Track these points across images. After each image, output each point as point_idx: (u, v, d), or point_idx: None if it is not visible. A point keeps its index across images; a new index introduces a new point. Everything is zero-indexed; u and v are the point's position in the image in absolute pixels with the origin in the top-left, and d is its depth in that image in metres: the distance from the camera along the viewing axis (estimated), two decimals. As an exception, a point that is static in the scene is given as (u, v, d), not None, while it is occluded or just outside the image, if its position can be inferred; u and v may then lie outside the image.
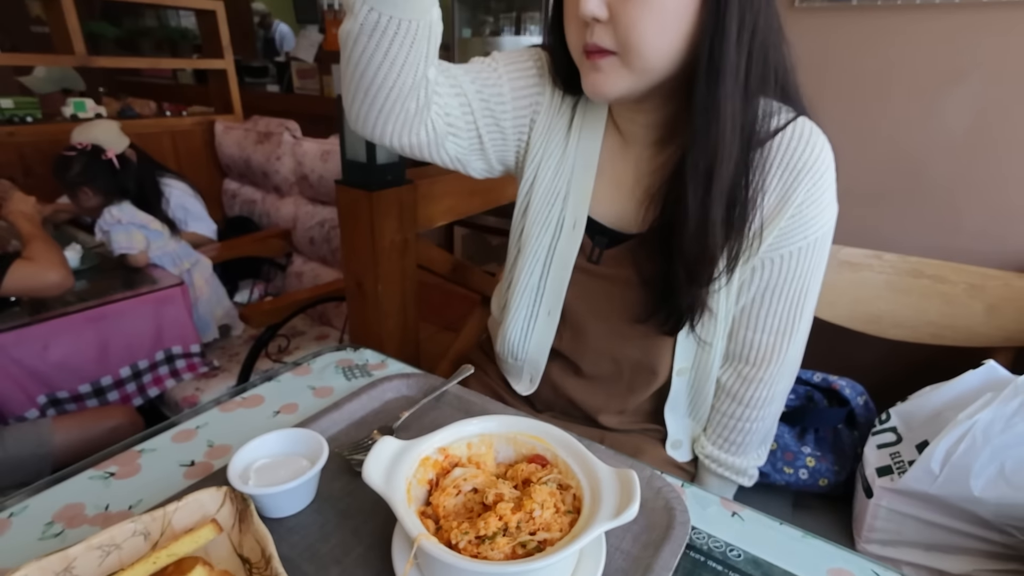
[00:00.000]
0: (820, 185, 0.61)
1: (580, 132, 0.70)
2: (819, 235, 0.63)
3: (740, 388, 0.71)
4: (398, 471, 0.44)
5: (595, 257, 0.71)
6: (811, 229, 0.62)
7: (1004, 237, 1.07)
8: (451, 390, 0.68)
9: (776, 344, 0.68)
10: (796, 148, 0.60)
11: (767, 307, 0.67)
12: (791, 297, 0.66)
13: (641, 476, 0.53)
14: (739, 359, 0.71)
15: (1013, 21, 0.97)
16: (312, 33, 3.73)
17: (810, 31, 1.14)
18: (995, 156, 1.04)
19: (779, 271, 0.65)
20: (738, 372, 0.71)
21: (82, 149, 1.56)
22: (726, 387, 0.72)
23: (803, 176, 0.60)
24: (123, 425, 1.30)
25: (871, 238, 1.11)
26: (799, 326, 0.68)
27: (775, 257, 0.64)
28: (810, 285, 0.66)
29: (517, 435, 0.51)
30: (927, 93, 1.07)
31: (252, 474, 0.50)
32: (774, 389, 0.70)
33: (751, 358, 0.70)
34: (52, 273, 1.23)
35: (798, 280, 0.65)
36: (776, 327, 0.67)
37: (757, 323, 0.68)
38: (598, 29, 0.55)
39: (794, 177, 0.60)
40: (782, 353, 0.68)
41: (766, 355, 0.68)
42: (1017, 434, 0.68)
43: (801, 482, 0.89)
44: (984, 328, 0.96)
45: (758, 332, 0.68)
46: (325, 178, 1.88)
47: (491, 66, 0.69)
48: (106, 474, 0.55)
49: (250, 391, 0.70)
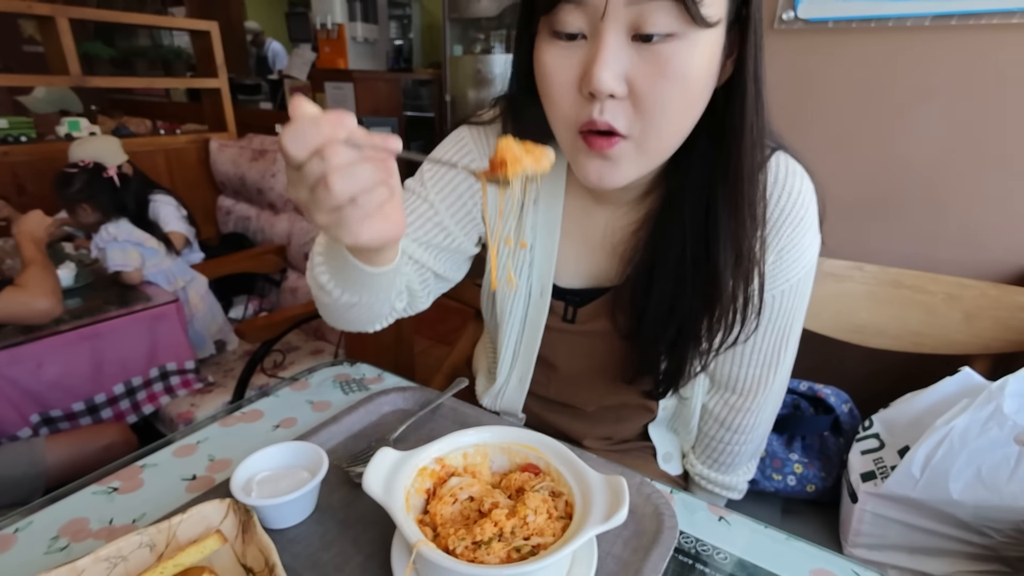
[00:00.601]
0: (800, 229, 0.59)
1: (538, 199, 0.65)
2: (802, 275, 0.62)
3: (727, 415, 0.71)
4: (397, 481, 0.46)
5: (569, 316, 0.69)
6: (793, 271, 0.61)
7: (980, 247, 1.11)
8: (446, 403, 0.70)
9: (762, 376, 0.67)
10: (774, 192, 0.57)
11: (752, 345, 0.66)
12: (776, 333, 0.65)
13: (631, 483, 0.55)
14: (726, 388, 0.71)
15: (979, 43, 1.01)
16: (305, 52, 3.78)
17: (789, 51, 1.18)
18: (967, 171, 1.08)
19: (761, 316, 0.63)
20: (725, 400, 0.71)
21: (84, 166, 1.58)
22: (713, 413, 0.72)
23: (782, 224, 0.58)
24: (117, 443, 1.29)
25: (853, 249, 1.14)
26: (784, 359, 0.67)
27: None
28: (795, 320, 0.65)
29: (511, 445, 0.53)
30: (902, 110, 1.11)
31: (254, 486, 0.51)
32: (761, 416, 0.71)
33: (738, 388, 0.69)
34: (41, 301, 1.23)
35: (782, 318, 0.64)
36: (762, 361, 0.67)
37: (742, 359, 0.67)
38: (610, 105, 0.48)
39: (772, 223, 0.58)
40: (768, 384, 0.68)
41: (752, 387, 0.68)
42: (992, 438, 0.70)
43: (789, 488, 0.91)
44: (962, 336, 0.99)
45: (744, 367, 0.68)
46: None
47: (421, 196, 0.64)
48: (109, 489, 0.56)
49: (249, 406, 0.71)
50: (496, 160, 0.42)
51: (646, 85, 0.46)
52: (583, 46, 0.47)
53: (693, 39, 0.45)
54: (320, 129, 0.35)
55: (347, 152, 0.36)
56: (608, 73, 0.45)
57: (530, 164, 0.42)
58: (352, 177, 0.36)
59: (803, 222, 0.58)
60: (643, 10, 0.44)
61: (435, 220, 0.64)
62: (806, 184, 0.59)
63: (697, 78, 0.47)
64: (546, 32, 0.49)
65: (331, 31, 3.67)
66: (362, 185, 0.37)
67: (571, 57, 0.48)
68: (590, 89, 0.46)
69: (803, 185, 0.59)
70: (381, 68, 4.04)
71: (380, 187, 0.39)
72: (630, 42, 0.46)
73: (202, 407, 1.50)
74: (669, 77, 0.46)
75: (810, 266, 0.62)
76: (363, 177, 0.37)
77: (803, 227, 0.59)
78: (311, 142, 0.35)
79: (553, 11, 0.47)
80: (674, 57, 0.45)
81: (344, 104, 3.60)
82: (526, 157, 0.42)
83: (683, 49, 0.45)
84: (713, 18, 0.45)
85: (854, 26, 1.11)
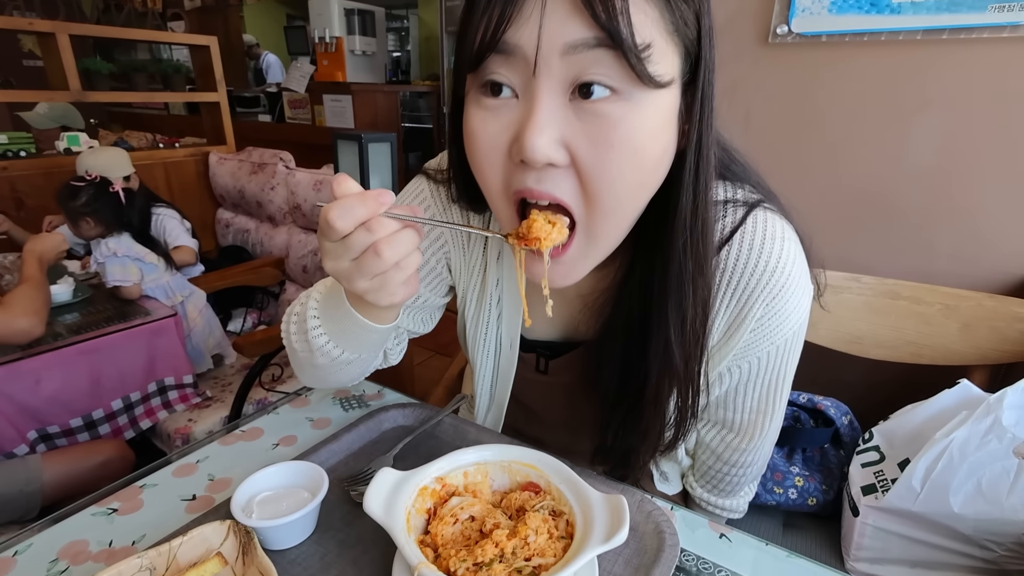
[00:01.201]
0: (782, 297, 0.53)
1: (502, 253, 0.63)
2: (789, 335, 0.57)
3: (724, 451, 0.70)
4: (397, 501, 0.46)
5: (542, 367, 0.68)
6: (778, 335, 0.56)
7: (975, 259, 1.12)
8: (446, 419, 0.70)
9: (756, 420, 0.65)
10: (748, 264, 0.52)
11: (741, 396, 0.64)
12: (765, 386, 0.62)
13: (631, 500, 0.55)
14: (721, 426, 0.69)
15: (971, 56, 1.03)
16: (304, 64, 3.80)
17: (783, 65, 1.20)
18: (962, 182, 1.09)
19: (748, 372, 0.61)
20: (721, 437, 0.69)
21: (91, 180, 1.58)
22: (711, 447, 0.71)
23: (758, 295, 0.53)
24: (113, 459, 1.29)
25: (849, 260, 1.15)
26: (777, 406, 0.65)
27: (742, 364, 0.60)
28: (787, 372, 0.62)
29: (512, 463, 0.53)
30: (896, 122, 1.12)
31: (255, 507, 0.51)
32: (759, 453, 0.69)
33: (733, 428, 0.68)
34: (21, 320, 1.21)
35: (771, 372, 0.61)
36: (753, 408, 0.65)
37: (733, 407, 0.65)
38: (550, 174, 0.42)
39: (747, 297, 0.54)
40: (764, 428, 0.66)
41: (747, 429, 0.67)
42: (991, 451, 0.70)
43: (791, 502, 0.91)
44: (960, 347, 1.00)
45: (736, 413, 0.66)
46: (318, 207, 1.91)
47: None
48: (108, 510, 0.56)
49: (249, 424, 0.71)
50: (528, 236, 0.44)
51: (590, 154, 0.40)
52: (514, 106, 0.41)
53: (640, 101, 0.40)
54: (366, 204, 0.40)
55: (391, 222, 0.41)
56: (543, 138, 0.39)
57: (557, 236, 0.44)
58: (398, 244, 0.42)
59: (784, 290, 0.53)
60: (582, 61, 0.38)
61: None
62: (786, 248, 0.53)
63: (648, 148, 0.41)
64: (474, 91, 0.43)
65: (329, 44, 3.69)
66: (405, 251, 0.42)
67: (500, 119, 0.42)
68: (522, 157, 0.40)
69: (782, 250, 0.52)
70: (379, 80, 4.07)
71: (415, 252, 0.44)
72: (568, 102, 0.40)
73: (200, 422, 1.50)
74: (616, 146, 0.40)
75: (798, 326, 0.57)
76: (406, 243, 0.42)
77: (785, 294, 0.53)
78: (358, 216, 0.40)
79: (480, 67, 0.41)
80: (620, 122, 0.39)
81: (342, 116, 3.62)
82: (552, 231, 0.44)
83: (630, 112, 0.40)
84: (664, 77, 0.39)
85: (847, 40, 1.12)
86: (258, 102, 4.33)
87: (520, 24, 0.38)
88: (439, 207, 0.63)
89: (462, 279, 0.67)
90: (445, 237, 0.65)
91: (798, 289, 0.54)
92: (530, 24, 0.38)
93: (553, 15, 0.38)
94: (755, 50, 1.21)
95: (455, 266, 0.67)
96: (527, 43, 0.38)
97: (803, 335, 0.60)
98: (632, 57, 0.37)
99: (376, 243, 0.41)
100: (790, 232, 0.55)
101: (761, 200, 0.55)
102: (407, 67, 5.80)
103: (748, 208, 0.54)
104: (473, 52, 0.41)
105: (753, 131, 1.26)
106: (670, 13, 0.39)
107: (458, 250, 0.65)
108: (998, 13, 0.98)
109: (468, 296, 0.67)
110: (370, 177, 1.02)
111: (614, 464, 0.66)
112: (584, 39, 0.37)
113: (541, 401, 0.74)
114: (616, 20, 0.37)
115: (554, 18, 0.38)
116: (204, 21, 5.03)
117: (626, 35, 0.37)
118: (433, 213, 0.63)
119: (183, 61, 4.05)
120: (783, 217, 0.55)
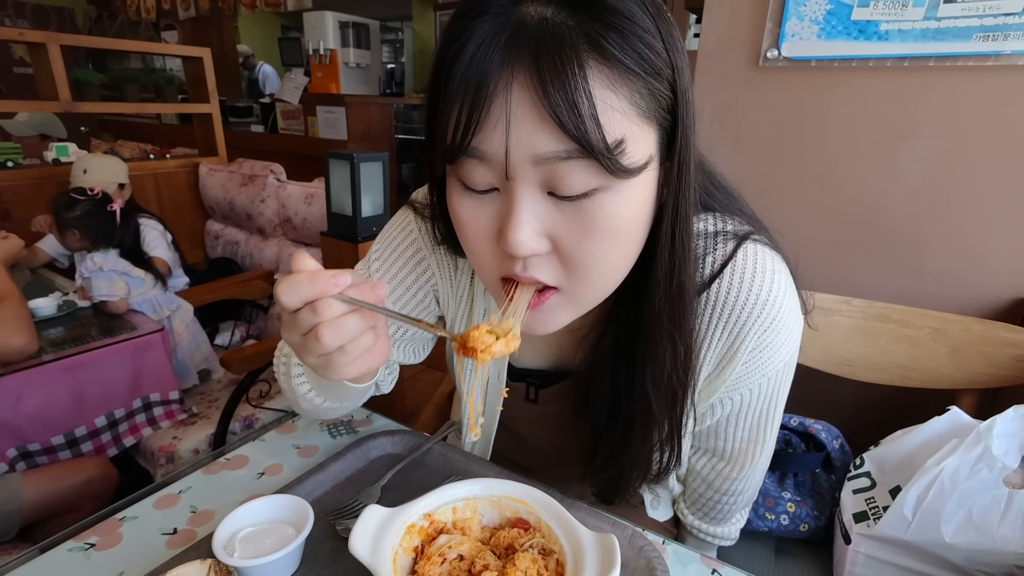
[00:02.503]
0: (772, 330, 0.53)
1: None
2: (780, 367, 0.57)
3: (715, 479, 0.69)
4: (384, 541, 0.45)
5: (532, 396, 0.68)
6: (769, 367, 0.56)
7: (963, 282, 1.12)
8: (435, 447, 0.69)
9: (747, 450, 0.65)
10: (739, 298, 0.52)
11: (732, 427, 0.64)
12: (756, 416, 0.62)
13: (623, 535, 0.54)
14: (712, 454, 0.69)
15: (957, 84, 1.04)
16: (297, 76, 3.80)
17: (773, 88, 1.21)
18: (949, 207, 1.10)
19: (740, 403, 0.61)
20: (712, 465, 0.69)
21: (92, 195, 1.57)
22: (701, 474, 0.70)
23: (750, 327, 0.53)
24: (96, 478, 1.26)
25: (840, 283, 1.16)
26: (768, 436, 0.65)
27: (733, 396, 0.60)
28: (778, 402, 0.62)
29: (501, 498, 0.52)
30: (884, 147, 1.14)
31: (237, 544, 0.50)
32: (749, 482, 0.68)
33: (724, 457, 0.67)
34: (16, 339, 1.20)
35: (762, 403, 0.61)
36: (744, 437, 0.65)
37: (724, 436, 0.65)
38: (534, 262, 0.42)
39: (739, 330, 0.54)
40: (755, 457, 0.66)
41: (738, 458, 0.66)
42: (982, 480, 0.70)
43: (783, 528, 0.91)
44: (949, 370, 1.00)
45: (727, 442, 0.66)
46: (309, 220, 1.90)
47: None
48: (86, 545, 0.54)
49: (233, 452, 0.69)
50: (468, 348, 0.42)
51: (572, 243, 0.41)
52: (496, 199, 0.42)
53: (619, 189, 0.40)
54: (315, 285, 0.39)
55: (337, 306, 0.39)
56: (524, 233, 0.39)
57: (500, 348, 0.42)
58: (341, 329, 0.40)
59: (776, 322, 0.53)
60: (554, 169, 0.38)
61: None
62: (777, 280, 0.53)
63: (630, 225, 0.42)
64: (455, 179, 0.43)
65: (324, 56, 3.70)
66: (350, 336, 0.40)
67: (485, 209, 0.42)
68: (507, 251, 0.41)
69: (773, 283, 0.53)
70: (373, 92, 4.08)
71: (366, 334, 0.42)
72: (546, 196, 0.40)
73: (185, 440, 1.47)
74: (597, 233, 0.40)
75: (789, 357, 0.57)
76: (351, 328, 0.40)
77: (776, 327, 0.53)
78: (305, 295, 0.39)
79: (457, 163, 0.41)
80: (601, 213, 0.39)
81: (336, 127, 3.62)
82: (496, 343, 0.42)
83: (610, 202, 0.40)
84: (639, 163, 0.39)
85: (836, 65, 1.13)
86: (251, 112, 4.32)
87: (488, 130, 0.38)
88: (427, 246, 0.63)
89: (450, 309, 0.66)
90: (432, 270, 0.64)
91: (789, 321, 0.54)
92: (497, 132, 0.37)
93: (520, 125, 0.37)
94: (746, 73, 1.22)
95: (443, 297, 0.66)
96: (497, 151, 0.38)
97: (794, 366, 0.60)
98: (605, 160, 0.37)
99: (318, 326, 0.39)
100: (780, 264, 0.55)
101: (751, 232, 0.55)
102: (401, 79, 5.82)
103: (738, 241, 0.54)
104: (445, 151, 0.40)
105: (743, 153, 1.27)
106: (640, 97, 0.38)
107: (445, 281, 0.65)
108: (982, 42, 1.00)
109: (456, 326, 0.67)
110: (362, 196, 1.01)
111: (605, 487, 0.66)
112: (555, 152, 0.37)
113: (531, 429, 0.73)
114: (585, 128, 0.36)
115: (522, 129, 0.37)
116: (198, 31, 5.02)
117: (597, 141, 0.36)
118: (419, 248, 0.63)
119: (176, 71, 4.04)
120: (773, 249, 0.56)
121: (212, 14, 4.69)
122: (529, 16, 0.37)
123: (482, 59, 0.37)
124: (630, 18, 0.37)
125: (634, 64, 0.37)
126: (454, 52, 0.38)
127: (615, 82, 0.37)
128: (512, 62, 0.36)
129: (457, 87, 0.38)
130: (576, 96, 0.35)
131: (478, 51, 0.37)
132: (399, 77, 5.82)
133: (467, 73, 0.37)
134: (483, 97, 0.37)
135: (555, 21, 0.36)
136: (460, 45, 0.37)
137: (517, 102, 0.36)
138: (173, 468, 1.44)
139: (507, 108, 0.37)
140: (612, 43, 0.36)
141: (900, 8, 1.04)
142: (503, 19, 0.37)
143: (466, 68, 0.37)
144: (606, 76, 0.37)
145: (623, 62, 0.37)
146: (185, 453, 1.46)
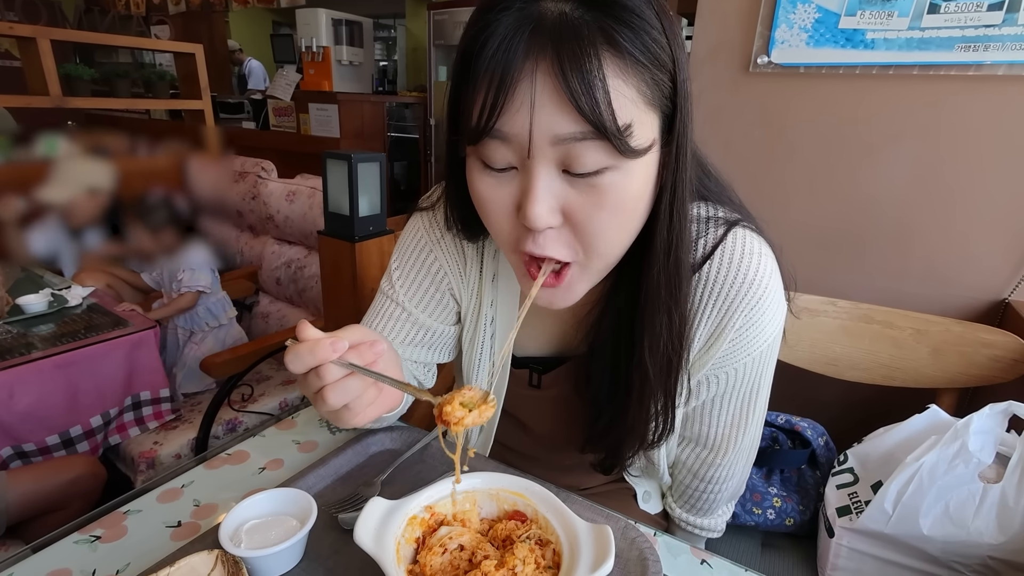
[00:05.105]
0: (759, 309, 0.57)
1: (496, 274, 0.67)
2: (764, 347, 0.61)
3: (699, 468, 0.72)
4: (387, 532, 0.47)
5: (535, 382, 0.70)
6: (754, 346, 0.60)
7: (944, 284, 1.16)
8: (434, 442, 0.70)
9: (730, 435, 0.68)
10: (728, 277, 0.56)
11: (717, 409, 0.67)
12: (740, 398, 0.66)
13: (616, 527, 0.56)
14: (696, 443, 0.71)
15: (938, 91, 1.08)
16: (290, 73, 3.79)
17: (763, 93, 1.24)
18: (930, 211, 1.14)
19: (725, 383, 0.64)
20: (696, 454, 0.71)
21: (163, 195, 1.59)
22: (687, 465, 0.73)
23: (737, 305, 0.57)
24: (84, 476, 1.25)
25: (826, 284, 1.19)
26: (752, 419, 0.67)
27: (720, 374, 0.63)
28: (761, 385, 0.65)
29: (499, 491, 0.54)
30: (869, 152, 1.17)
31: (243, 536, 0.51)
32: (733, 469, 0.71)
33: (707, 444, 0.70)
34: None
35: (747, 384, 0.64)
36: (728, 421, 0.67)
37: (709, 420, 0.68)
38: (549, 236, 0.47)
39: (728, 307, 0.57)
40: (738, 442, 0.68)
41: (721, 444, 0.69)
42: (958, 475, 0.73)
43: (769, 522, 0.93)
44: (930, 370, 1.03)
45: (712, 427, 0.68)
46: (291, 219, 1.89)
47: (393, 299, 0.68)
48: (92, 538, 0.55)
49: (235, 447, 0.70)
50: (441, 419, 0.45)
51: (583, 216, 0.45)
52: (515, 176, 0.46)
53: (627, 168, 0.44)
54: (315, 353, 0.42)
55: (337, 371, 0.44)
56: (541, 208, 0.44)
57: (473, 420, 0.45)
58: (343, 391, 0.44)
59: (761, 302, 0.57)
60: (570, 149, 0.42)
61: (411, 320, 0.69)
62: (763, 263, 0.57)
63: (635, 201, 0.46)
64: (476, 159, 0.47)
65: (316, 53, 3.69)
66: (352, 395, 0.45)
67: (504, 186, 0.46)
68: (525, 224, 0.45)
69: (760, 265, 0.57)
70: (366, 90, 4.08)
71: (368, 390, 0.46)
72: (562, 174, 0.44)
73: (166, 445, 1.46)
74: (607, 208, 0.45)
75: (773, 338, 0.61)
76: (352, 389, 0.45)
77: (761, 307, 0.57)
78: (308, 363, 0.43)
79: (479, 144, 0.45)
80: (610, 189, 0.44)
81: (328, 125, 3.61)
82: (469, 415, 0.45)
83: (618, 179, 0.44)
84: (644, 145, 0.44)
85: (823, 72, 1.16)
86: (242, 108, 4.29)
87: (512, 113, 0.42)
88: (433, 240, 0.67)
89: (463, 303, 0.70)
90: (442, 267, 0.67)
91: (774, 303, 0.59)
92: (521, 115, 0.41)
93: (542, 108, 0.41)
94: (736, 79, 1.25)
95: (456, 292, 0.69)
96: (520, 132, 0.42)
97: (777, 349, 0.64)
98: (616, 141, 0.41)
99: (322, 389, 0.44)
100: (766, 249, 0.59)
101: (740, 219, 0.59)
102: (394, 77, 5.82)
103: (728, 226, 0.58)
104: (470, 133, 0.44)
105: (732, 156, 1.30)
106: (646, 86, 0.43)
107: (456, 277, 0.68)
108: (964, 52, 1.03)
109: (467, 319, 0.70)
110: (359, 196, 1.02)
111: (604, 456, 0.68)
112: (572, 133, 0.41)
113: (532, 414, 0.75)
114: (600, 112, 0.40)
115: (543, 111, 0.41)
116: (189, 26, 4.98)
117: (610, 124, 0.41)
118: (431, 250, 0.67)
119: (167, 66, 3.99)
120: (759, 234, 0.60)
121: (203, 9, 4.64)
122: (549, 11, 0.41)
123: (507, 49, 0.40)
124: (639, 14, 0.41)
125: (642, 56, 0.41)
126: (480, 42, 0.41)
127: (625, 72, 0.41)
128: (536, 52, 0.40)
129: (483, 74, 0.41)
130: (592, 83, 0.39)
131: (503, 42, 0.41)
132: (392, 75, 5.81)
133: (493, 61, 0.41)
134: (508, 83, 0.41)
135: (573, 16, 0.40)
136: (486, 36, 0.41)
137: (540, 88, 0.40)
138: (154, 474, 1.43)
139: (532, 93, 0.40)
140: (623, 36, 0.40)
141: (886, 18, 1.07)
142: (525, 13, 0.41)
143: (492, 57, 0.41)
144: (618, 66, 0.41)
145: (632, 54, 0.41)
146: (167, 459, 1.45)
